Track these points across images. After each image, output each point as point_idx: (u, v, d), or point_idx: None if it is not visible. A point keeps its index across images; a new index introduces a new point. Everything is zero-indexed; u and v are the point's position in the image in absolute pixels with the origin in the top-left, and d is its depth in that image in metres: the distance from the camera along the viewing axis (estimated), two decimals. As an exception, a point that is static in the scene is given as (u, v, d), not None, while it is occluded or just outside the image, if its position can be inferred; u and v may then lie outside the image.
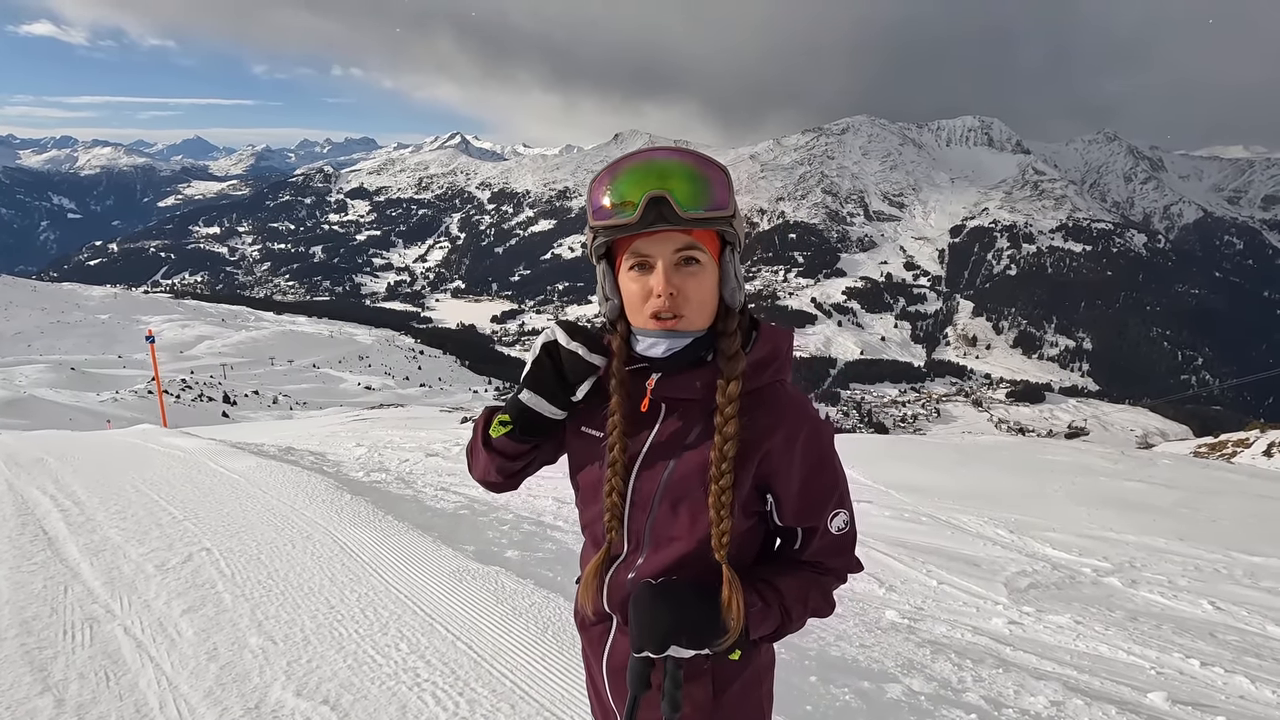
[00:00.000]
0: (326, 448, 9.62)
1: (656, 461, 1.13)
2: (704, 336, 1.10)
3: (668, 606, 1.04)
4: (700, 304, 1.07)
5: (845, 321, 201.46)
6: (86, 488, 5.45)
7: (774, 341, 1.14)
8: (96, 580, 3.50)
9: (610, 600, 1.18)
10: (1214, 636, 4.34)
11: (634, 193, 1.03)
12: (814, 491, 1.13)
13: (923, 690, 2.95)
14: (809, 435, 1.11)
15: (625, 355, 1.14)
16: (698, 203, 1.02)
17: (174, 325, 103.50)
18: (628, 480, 1.14)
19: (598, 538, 1.19)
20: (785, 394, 1.13)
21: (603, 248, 1.11)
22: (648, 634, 1.04)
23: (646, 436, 1.14)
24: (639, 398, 1.14)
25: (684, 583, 1.08)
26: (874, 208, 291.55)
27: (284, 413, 54.19)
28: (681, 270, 1.06)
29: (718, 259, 1.09)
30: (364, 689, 2.51)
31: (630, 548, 1.17)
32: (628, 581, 1.15)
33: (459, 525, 4.98)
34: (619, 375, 1.13)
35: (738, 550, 1.13)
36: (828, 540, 1.15)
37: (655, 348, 1.10)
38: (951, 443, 15.53)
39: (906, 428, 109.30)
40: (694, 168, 1.04)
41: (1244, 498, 9.02)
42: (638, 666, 1.09)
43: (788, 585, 1.13)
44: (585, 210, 1.10)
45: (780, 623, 1.12)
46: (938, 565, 5.39)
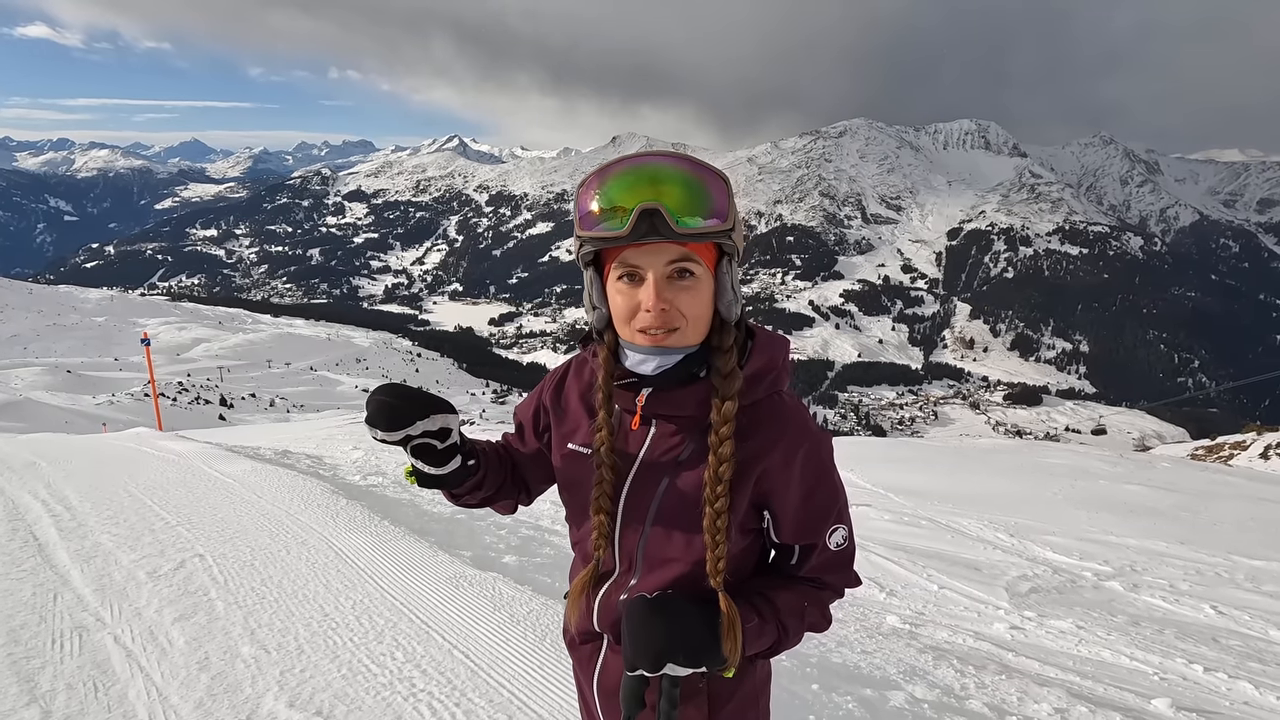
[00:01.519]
0: (323, 451, 9.55)
1: (649, 480, 1.08)
2: (697, 352, 1.04)
3: (664, 622, 0.98)
4: (694, 319, 1.00)
5: (843, 324, 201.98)
6: (79, 492, 5.39)
7: (770, 352, 1.09)
8: (87, 587, 3.45)
9: (601, 621, 1.14)
10: (1217, 641, 4.31)
11: (625, 200, 0.94)
12: (813, 509, 1.08)
13: (925, 698, 2.91)
14: (808, 452, 1.06)
15: (612, 369, 1.08)
16: (694, 214, 0.95)
17: (171, 328, 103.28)
18: (615, 499, 1.09)
19: (588, 555, 1.15)
20: (784, 408, 1.08)
21: (591, 254, 1.04)
22: (642, 651, 0.97)
23: (638, 453, 1.09)
24: (629, 413, 1.09)
25: (681, 597, 1.02)
26: (871, 211, 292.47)
27: (281, 415, 54.02)
28: (674, 284, 0.98)
29: (713, 270, 1.02)
30: (358, 699, 2.46)
31: (623, 568, 1.12)
32: (620, 603, 1.10)
33: (456, 530, 4.94)
34: (605, 390, 1.07)
35: (735, 569, 1.09)
36: (826, 556, 1.11)
37: (645, 364, 1.04)
38: (950, 446, 15.52)
39: (904, 430, 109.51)
40: (690, 175, 0.96)
41: (1244, 501, 9.01)
42: (631, 685, 1.03)
43: (785, 601, 1.08)
44: (573, 214, 1.04)
45: (776, 638, 1.07)
46: (938, 570, 5.36)
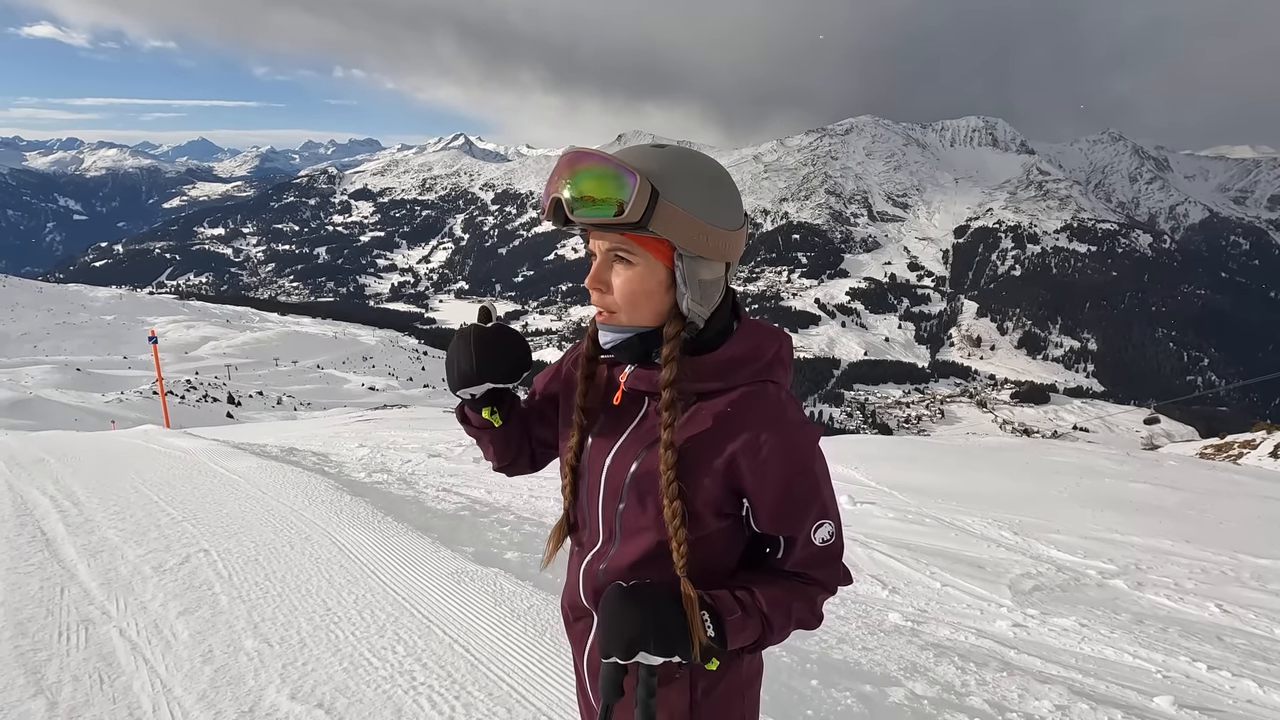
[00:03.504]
0: (329, 448, 9.60)
1: (628, 453, 1.11)
2: (652, 334, 1.08)
3: (637, 610, 1.00)
4: (628, 300, 1.05)
5: (849, 322, 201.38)
6: (86, 488, 5.44)
7: (755, 340, 1.09)
8: (93, 581, 3.49)
9: (586, 592, 1.17)
10: (1221, 640, 4.29)
11: (549, 189, 1.05)
12: (790, 500, 1.07)
13: (926, 694, 2.91)
14: (786, 440, 1.05)
15: (594, 344, 1.16)
16: (593, 207, 0.99)
17: (179, 326, 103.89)
18: (577, 467, 1.16)
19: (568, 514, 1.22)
20: (766, 396, 1.07)
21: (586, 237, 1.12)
22: (614, 639, 1.00)
23: (626, 426, 1.13)
24: (611, 388, 1.16)
25: (655, 586, 1.03)
26: (878, 208, 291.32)
27: (288, 414, 54.25)
28: (614, 266, 1.06)
29: (671, 263, 1.05)
30: (359, 692, 2.48)
31: (605, 538, 1.15)
32: (600, 571, 1.14)
33: (459, 526, 4.96)
34: (588, 353, 1.17)
35: (714, 552, 1.10)
36: (811, 551, 1.10)
37: (603, 337, 1.11)
38: (955, 444, 15.46)
39: (910, 429, 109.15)
40: (599, 171, 0.99)
41: (1251, 499, 8.94)
42: (609, 673, 1.04)
43: (770, 594, 1.08)
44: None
45: (761, 633, 1.07)
46: (941, 567, 5.34)
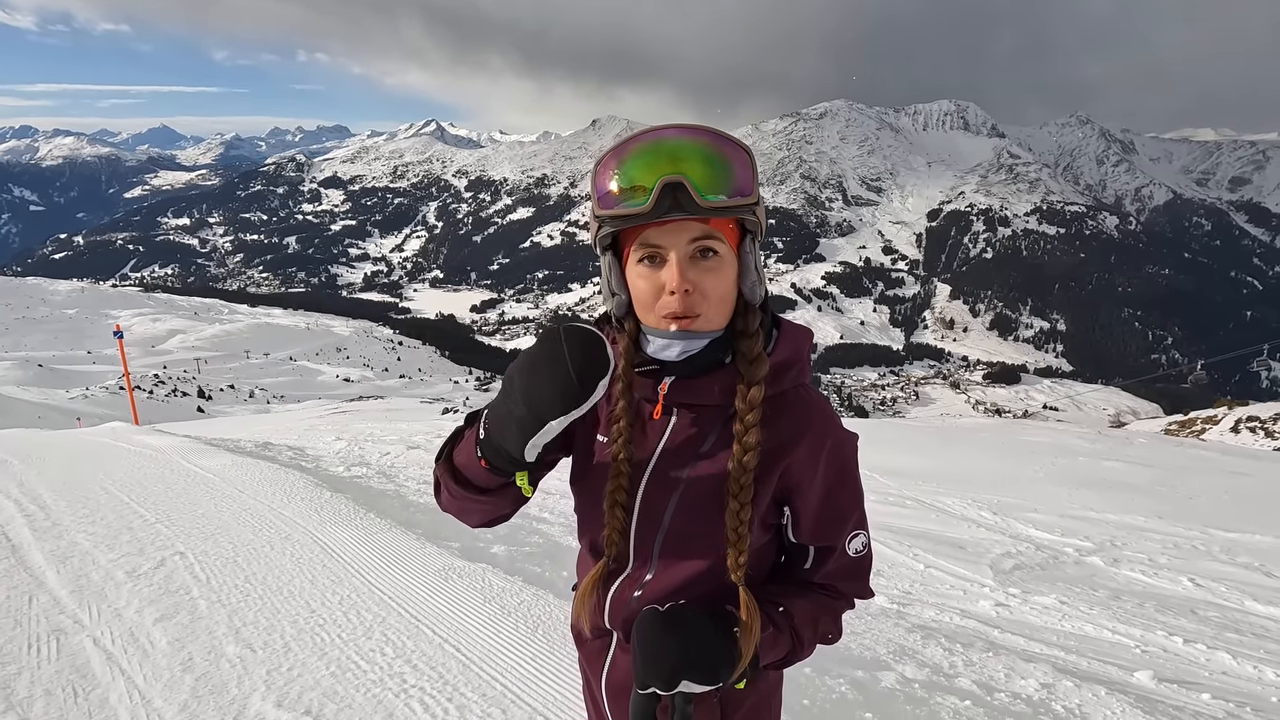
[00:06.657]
0: (305, 442, 9.43)
1: (668, 472, 1.02)
2: (721, 337, 0.99)
3: (677, 638, 0.92)
4: (719, 301, 0.95)
5: (825, 306, 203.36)
6: (53, 490, 5.26)
7: (796, 342, 1.04)
8: (63, 589, 3.36)
9: (613, 618, 1.08)
10: (1195, 613, 4.41)
11: (646, 177, 0.89)
12: (834, 509, 1.04)
13: (916, 677, 2.94)
14: (834, 447, 1.02)
15: (633, 356, 1.02)
16: (719, 188, 0.90)
17: (145, 319, 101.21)
18: (633, 493, 1.03)
19: (598, 548, 1.08)
20: (810, 400, 1.03)
21: (609, 238, 0.98)
22: (654, 669, 0.91)
23: (656, 444, 1.02)
24: (649, 403, 1.03)
25: (694, 610, 0.96)
26: (852, 192, 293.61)
27: (261, 407, 53.31)
28: (698, 264, 0.93)
29: (736, 250, 0.97)
30: (348, 697, 2.42)
31: (637, 564, 1.06)
32: (633, 599, 1.05)
33: (443, 521, 4.89)
34: (626, 379, 1.01)
35: (753, 566, 1.04)
36: (844, 562, 1.07)
37: (668, 350, 0.98)
38: (933, 426, 15.72)
39: (886, 411, 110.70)
40: (713, 148, 0.92)
41: (1218, 474, 9.22)
42: (642, 704, 0.96)
43: (800, 609, 1.04)
44: (590, 196, 0.97)
45: (790, 649, 1.03)
46: (924, 549, 5.42)
